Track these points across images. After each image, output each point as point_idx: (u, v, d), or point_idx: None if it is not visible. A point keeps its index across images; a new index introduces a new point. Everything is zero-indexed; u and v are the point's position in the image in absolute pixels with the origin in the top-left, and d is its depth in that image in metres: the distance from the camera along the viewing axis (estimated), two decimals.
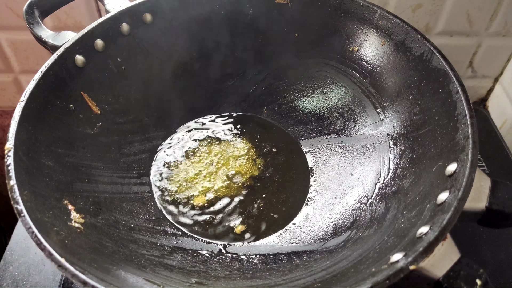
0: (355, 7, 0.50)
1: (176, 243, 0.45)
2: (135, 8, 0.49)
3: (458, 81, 0.40)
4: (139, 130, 0.52)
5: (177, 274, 0.40)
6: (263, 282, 0.41)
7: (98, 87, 0.48)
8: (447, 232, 0.31)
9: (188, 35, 0.54)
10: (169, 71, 0.55)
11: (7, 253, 0.50)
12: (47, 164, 0.40)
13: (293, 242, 0.46)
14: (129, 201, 0.47)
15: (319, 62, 0.55)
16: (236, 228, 0.47)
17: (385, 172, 0.47)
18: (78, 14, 0.63)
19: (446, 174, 0.36)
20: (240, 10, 0.54)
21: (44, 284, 0.47)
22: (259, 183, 0.52)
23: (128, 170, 0.50)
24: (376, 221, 0.43)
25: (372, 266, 0.34)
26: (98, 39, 0.47)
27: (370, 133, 0.51)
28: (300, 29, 0.54)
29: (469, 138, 0.36)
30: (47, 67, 0.42)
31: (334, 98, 0.56)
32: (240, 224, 0.48)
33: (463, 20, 0.63)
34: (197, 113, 0.58)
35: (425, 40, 0.44)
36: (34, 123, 0.40)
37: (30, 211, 0.33)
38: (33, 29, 0.46)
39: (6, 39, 0.66)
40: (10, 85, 0.73)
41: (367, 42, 0.51)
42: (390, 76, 0.49)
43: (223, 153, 0.54)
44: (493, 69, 0.71)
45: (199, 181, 0.51)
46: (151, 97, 0.53)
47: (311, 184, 0.52)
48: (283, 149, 0.55)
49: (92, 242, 0.38)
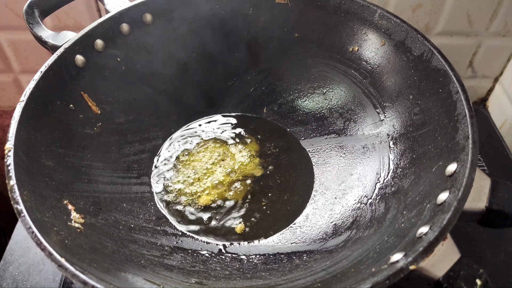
0: (355, 7, 0.50)
1: (176, 243, 0.45)
2: (135, 8, 0.49)
3: (458, 81, 0.40)
4: (139, 130, 0.52)
5: (177, 274, 0.40)
6: (263, 282, 0.41)
7: (98, 87, 0.48)
8: (447, 232, 0.31)
9: (188, 35, 0.54)
10: (169, 71, 0.55)
11: (7, 253, 0.50)
12: (47, 164, 0.40)
13: (293, 242, 0.46)
14: (129, 201, 0.47)
15: (319, 62, 0.55)
16: (236, 228, 0.47)
17: (385, 172, 0.47)
18: (78, 14, 0.63)
19: (446, 174, 0.36)
20: (240, 10, 0.54)
21: (44, 284, 0.47)
22: (259, 183, 0.52)
23: (128, 170, 0.50)
24: (376, 221, 0.43)
25: (372, 266, 0.34)
26: (98, 39, 0.47)
27: (370, 133, 0.51)
28: (300, 29, 0.54)
29: (469, 138, 0.36)
30: (47, 67, 0.42)
31: (334, 98, 0.56)
32: (240, 224, 0.48)
33: (463, 20, 0.63)
34: (197, 113, 0.58)
35: (425, 40, 0.44)
36: (34, 123, 0.40)
37: (30, 211, 0.33)
38: (33, 29, 0.46)
39: (6, 39, 0.66)
40: (10, 85, 0.73)
41: (367, 42, 0.51)
42: (390, 76, 0.49)
43: (223, 153, 0.54)
44: (493, 69, 0.71)
45: (199, 181, 0.51)
46: (151, 97, 0.53)
47: (312, 184, 0.52)
48: (284, 149, 0.55)
49: (92, 242, 0.38)
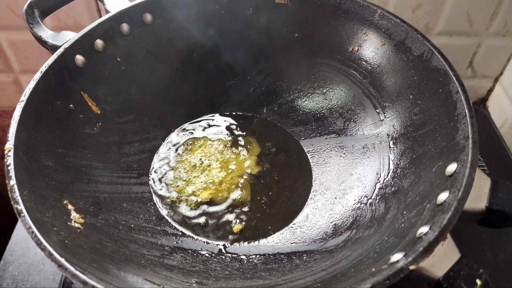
0: (355, 7, 0.50)
1: (176, 243, 0.45)
2: (135, 8, 0.49)
3: (458, 81, 0.40)
4: (139, 130, 0.52)
5: (177, 274, 0.40)
6: (263, 282, 0.41)
7: (98, 87, 0.48)
8: (447, 232, 0.31)
9: (188, 35, 0.54)
10: (169, 71, 0.55)
11: (7, 253, 0.50)
12: (47, 164, 0.40)
13: (293, 242, 0.46)
14: (129, 201, 0.47)
15: (319, 62, 0.55)
16: (236, 228, 0.47)
17: (385, 172, 0.47)
18: (78, 14, 0.63)
19: (446, 174, 0.36)
20: (240, 10, 0.54)
21: (44, 284, 0.47)
22: (260, 183, 0.52)
23: (128, 170, 0.50)
24: (376, 221, 0.43)
25: (372, 266, 0.34)
26: (98, 39, 0.47)
27: (370, 133, 0.51)
28: (300, 29, 0.54)
29: (469, 138, 0.36)
30: (47, 67, 0.42)
31: (334, 98, 0.56)
32: (240, 224, 0.48)
33: (463, 20, 0.63)
34: (197, 113, 0.58)
35: (425, 40, 0.44)
36: (34, 123, 0.40)
37: (30, 211, 0.33)
38: (33, 29, 0.46)
39: (6, 39, 0.66)
40: (10, 85, 0.73)
41: (367, 42, 0.51)
42: (390, 76, 0.49)
43: (223, 153, 0.54)
44: (493, 69, 0.71)
45: (199, 181, 0.51)
46: (151, 97, 0.53)
47: (312, 184, 0.52)
48: (284, 149, 0.55)
49: (92, 242, 0.38)
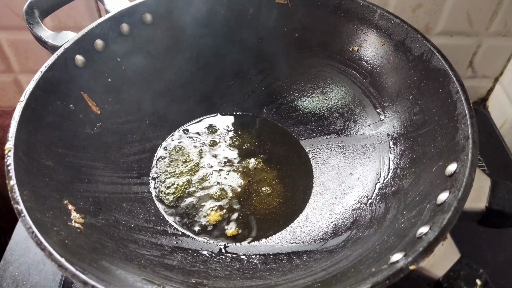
0: (355, 7, 0.50)
1: (176, 243, 0.45)
2: (135, 8, 0.49)
3: (458, 81, 0.40)
4: (139, 130, 0.52)
5: (177, 274, 0.40)
6: (263, 282, 0.41)
7: (98, 87, 0.48)
8: (447, 232, 0.31)
9: (187, 35, 0.54)
10: (169, 71, 0.55)
11: (7, 253, 0.50)
12: (47, 164, 0.40)
13: (293, 242, 0.46)
14: (129, 201, 0.47)
15: (319, 62, 0.55)
16: (236, 228, 0.47)
17: (385, 172, 0.47)
18: (78, 14, 0.63)
19: (446, 174, 0.36)
20: (240, 10, 0.54)
21: (44, 284, 0.47)
22: (259, 183, 0.52)
23: (128, 170, 0.50)
24: (376, 221, 0.43)
25: (372, 266, 0.34)
26: (98, 39, 0.47)
27: (370, 133, 0.51)
28: (300, 29, 0.54)
29: (469, 138, 0.36)
30: (47, 67, 0.42)
31: (334, 98, 0.56)
32: (240, 224, 0.48)
33: (463, 20, 0.63)
34: (197, 113, 0.58)
35: (425, 40, 0.44)
36: (34, 123, 0.40)
37: (30, 211, 0.33)
38: (33, 29, 0.46)
39: (6, 39, 0.66)
40: (10, 85, 0.73)
41: (367, 42, 0.51)
42: (390, 76, 0.49)
43: (223, 153, 0.54)
44: (493, 69, 0.71)
45: (199, 181, 0.51)
46: (151, 97, 0.53)
47: (312, 184, 0.52)
48: (284, 149, 0.55)
49: (92, 242, 0.38)
